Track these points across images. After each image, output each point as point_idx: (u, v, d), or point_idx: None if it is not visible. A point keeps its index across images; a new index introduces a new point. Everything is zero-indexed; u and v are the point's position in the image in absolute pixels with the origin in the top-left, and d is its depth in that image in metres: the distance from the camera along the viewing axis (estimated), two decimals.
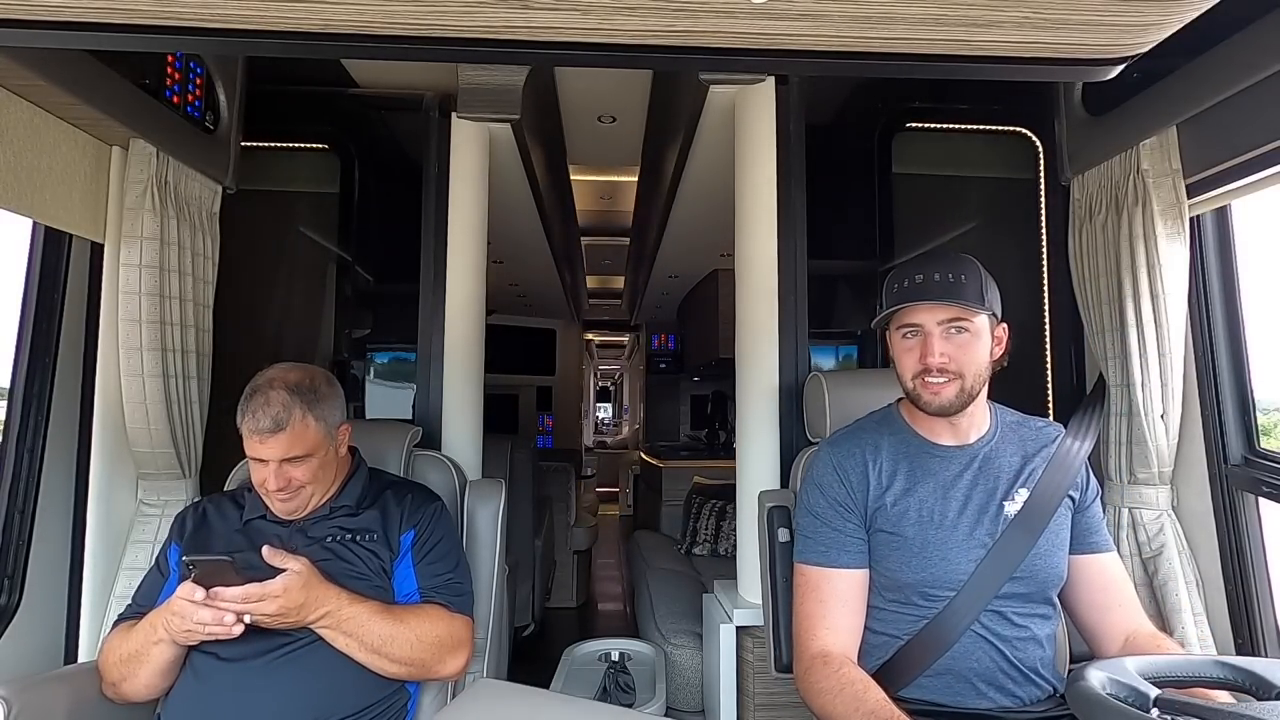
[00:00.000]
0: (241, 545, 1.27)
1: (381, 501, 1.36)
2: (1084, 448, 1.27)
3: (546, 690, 1.12)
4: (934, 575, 1.15)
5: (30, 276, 1.49)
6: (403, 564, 1.33)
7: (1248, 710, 0.74)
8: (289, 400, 1.22)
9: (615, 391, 13.62)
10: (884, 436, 1.26)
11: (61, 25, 0.83)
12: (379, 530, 1.32)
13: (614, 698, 2.00)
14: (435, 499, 1.43)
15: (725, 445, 5.42)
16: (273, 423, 1.20)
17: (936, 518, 1.17)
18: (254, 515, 1.32)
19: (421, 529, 1.35)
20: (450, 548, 1.38)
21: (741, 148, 1.87)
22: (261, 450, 1.21)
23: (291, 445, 1.21)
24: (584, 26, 0.84)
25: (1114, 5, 0.79)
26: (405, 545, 1.33)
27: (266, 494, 1.26)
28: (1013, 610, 1.15)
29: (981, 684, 1.14)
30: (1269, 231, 1.58)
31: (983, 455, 1.22)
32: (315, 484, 1.28)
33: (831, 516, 1.22)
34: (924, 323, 1.15)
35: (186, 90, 1.55)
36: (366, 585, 1.26)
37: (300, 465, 1.24)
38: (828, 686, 1.08)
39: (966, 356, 1.14)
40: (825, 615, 1.17)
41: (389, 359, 2.23)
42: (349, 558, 1.28)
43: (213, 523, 1.34)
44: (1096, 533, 1.23)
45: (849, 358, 2.18)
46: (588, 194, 4.12)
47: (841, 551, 1.19)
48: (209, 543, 1.30)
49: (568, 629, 3.75)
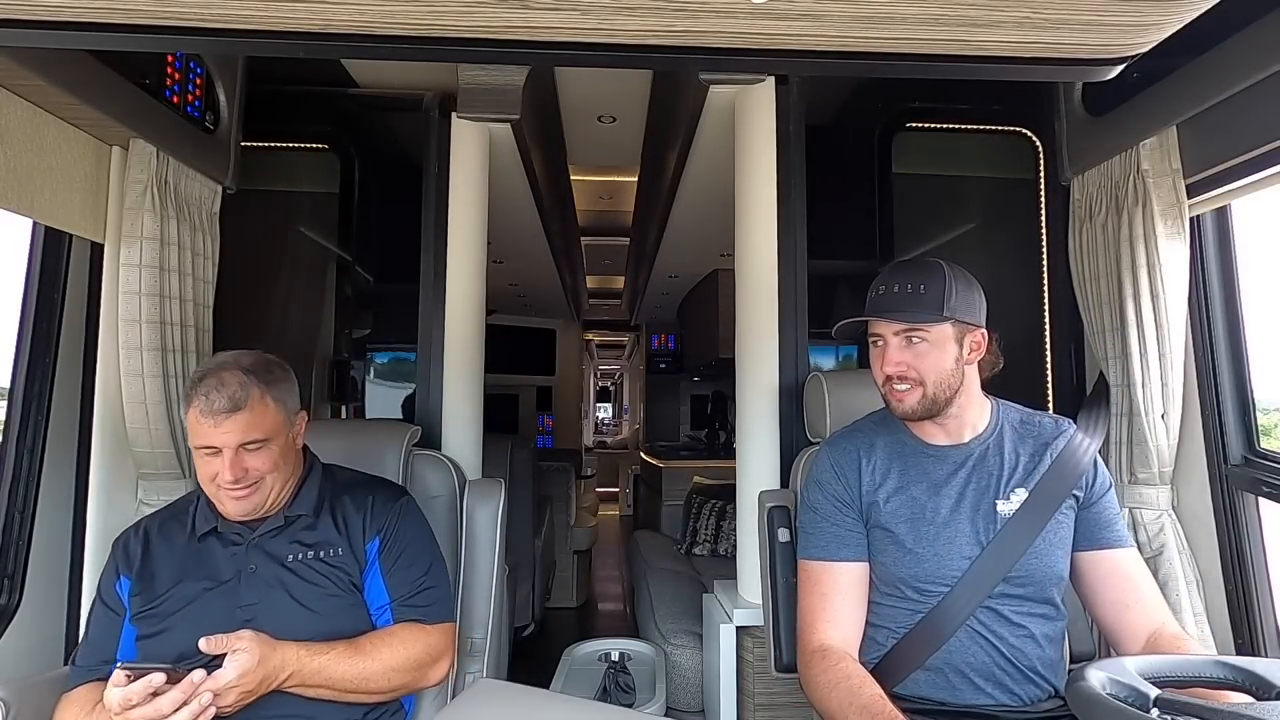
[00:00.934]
0: (194, 572, 1.17)
1: (340, 507, 1.26)
2: (1093, 445, 1.26)
3: (546, 690, 1.12)
4: (925, 570, 1.17)
5: (30, 276, 1.49)
6: (371, 575, 1.25)
7: (1248, 710, 0.74)
8: (245, 380, 1.13)
9: (615, 391, 13.62)
10: (879, 435, 1.29)
11: (61, 25, 0.83)
12: (342, 544, 1.23)
13: (614, 698, 2.00)
14: (399, 494, 1.34)
15: (725, 445, 5.42)
16: (229, 402, 1.11)
17: (928, 515, 1.19)
18: (206, 529, 1.20)
19: (387, 534, 1.26)
20: (420, 549, 1.30)
21: (741, 148, 1.87)
22: (215, 435, 1.11)
23: (249, 428, 1.12)
24: (584, 26, 0.84)
25: (1114, 5, 0.79)
26: (371, 555, 1.25)
27: (218, 492, 1.15)
28: (1009, 609, 1.16)
29: (979, 679, 1.15)
30: (1269, 231, 1.58)
31: (977, 454, 1.23)
32: (275, 475, 1.18)
33: (831, 512, 1.25)
34: (884, 333, 1.21)
35: (186, 90, 1.54)
36: (339, 604, 1.19)
37: (259, 453, 1.15)
38: (825, 680, 1.11)
39: (925, 364, 1.18)
40: (826, 609, 1.20)
41: (389, 359, 2.23)
42: (315, 578, 1.19)
43: (158, 550, 1.21)
44: (1108, 528, 1.21)
45: (849, 358, 2.18)
46: (588, 194, 4.12)
47: (841, 545, 1.23)
48: (157, 575, 1.18)
49: (568, 629, 3.75)
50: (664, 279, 4.50)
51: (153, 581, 1.18)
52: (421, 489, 1.55)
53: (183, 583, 1.17)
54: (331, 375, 2.14)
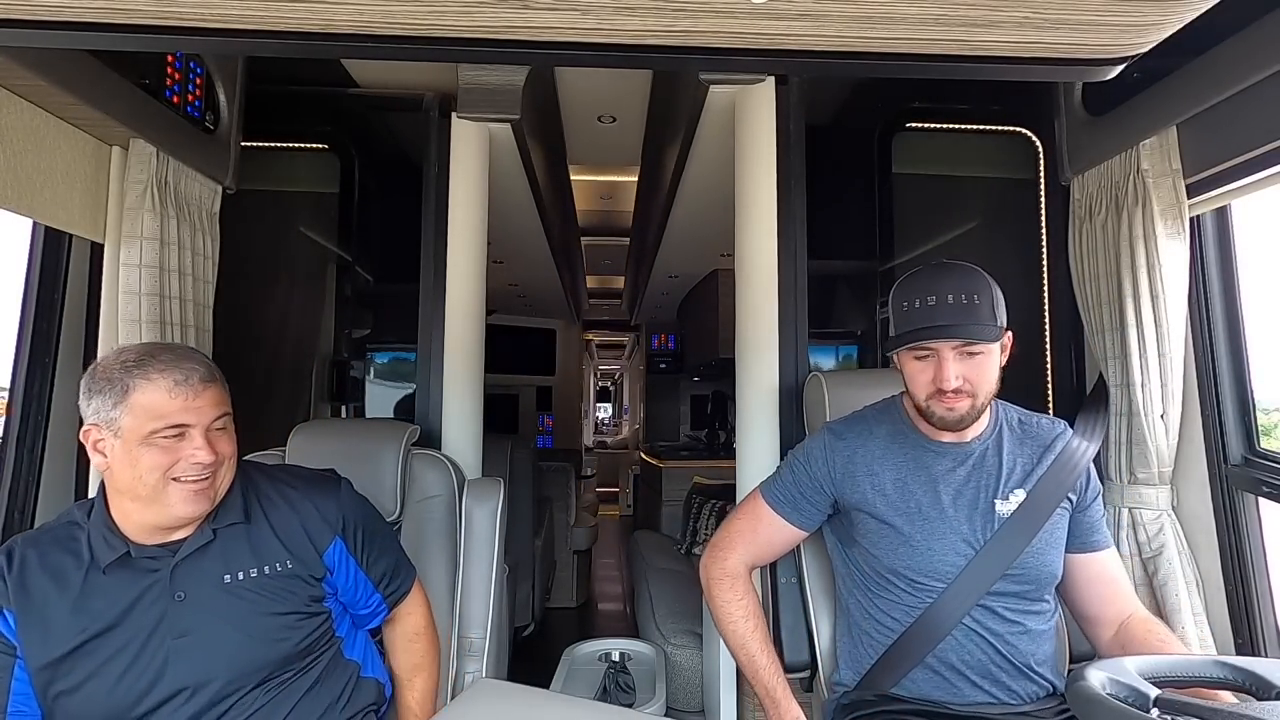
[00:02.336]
0: (104, 613, 0.97)
1: (273, 511, 1.11)
2: (1090, 449, 1.27)
3: (546, 690, 1.12)
4: (920, 564, 1.17)
5: (30, 276, 1.49)
6: (342, 576, 1.15)
7: (1248, 710, 0.74)
8: (194, 353, 1.03)
9: (615, 391, 13.62)
10: (881, 426, 1.29)
11: (61, 25, 0.83)
12: (288, 555, 1.08)
13: (614, 698, 2.00)
14: (333, 484, 1.20)
15: (725, 445, 5.42)
16: (206, 370, 1.00)
17: (925, 509, 1.19)
18: (112, 558, 0.99)
19: (346, 531, 1.16)
20: (376, 525, 1.23)
21: (741, 148, 1.87)
22: (188, 412, 0.97)
23: (221, 401, 1.02)
24: (584, 26, 0.84)
25: (1114, 5, 0.79)
26: (335, 559, 1.14)
27: (167, 489, 0.98)
28: (1004, 606, 1.16)
29: (975, 676, 1.16)
30: (1269, 231, 1.58)
31: (978, 454, 1.23)
32: (228, 464, 1.05)
33: (805, 483, 1.31)
34: (938, 347, 1.14)
35: (186, 90, 1.55)
36: (286, 622, 1.06)
37: (223, 435, 1.03)
38: (739, 610, 1.29)
39: (980, 376, 1.14)
40: (754, 543, 1.34)
41: (389, 359, 2.23)
42: (260, 599, 1.04)
43: (44, 592, 0.97)
44: (1096, 531, 1.25)
45: (849, 358, 2.18)
46: (588, 194, 4.12)
47: (795, 511, 1.31)
48: (52, 622, 0.96)
49: (568, 629, 3.74)
50: (664, 279, 4.49)
51: (48, 630, 0.96)
52: (421, 488, 1.55)
53: (92, 629, 0.97)
54: (331, 375, 2.14)
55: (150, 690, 0.98)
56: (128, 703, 0.97)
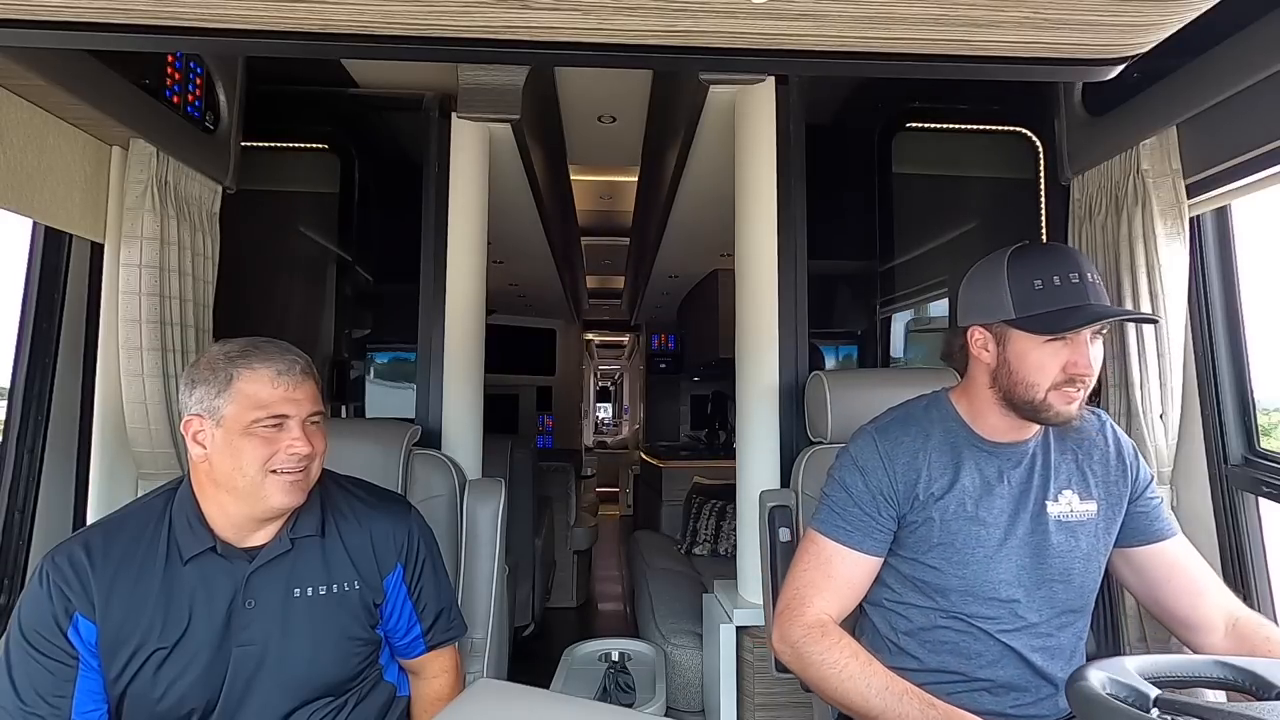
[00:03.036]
0: (179, 609, 0.98)
1: (345, 528, 1.10)
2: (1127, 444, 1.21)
3: (546, 690, 1.11)
4: (972, 575, 1.10)
5: (30, 276, 1.49)
6: (393, 606, 1.13)
7: (1248, 710, 0.74)
8: (295, 349, 1.04)
9: (615, 391, 13.62)
10: (934, 425, 1.17)
11: (61, 25, 0.83)
12: (354, 576, 1.08)
13: (614, 698, 2.00)
14: (405, 507, 1.20)
15: (725, 445, 5.42)
16: (306, 364, 1.02)
17: (982, 513, 1.11)
18: (197, 550, 0.99)
19: (408, 559, 1.14)
20: (436, 562, 1.20)
21: (741, 148, 1.87)
22: (289, 403, 0.98)
23: (317, 397, 1.02)
24: (584, 26, 0.84)
25: (1114, 5, 0.78)
26: (391, 586, 1.12)
27: (265, 481, 0.98)
28: (1047, 621, 1.11)
29: (1002, 692, 1.11)
30: (1269, 231, 1.58)
31: (1032, 453, 1.14)
32: (319, 462, 1.06)
33: (867, 501, 1.14)
34: (1083, 330, 1.03)
35: (186, 90, 1.55)
36: (347, 650, 1.06)
37: (318, 431, 1.04)
38: (831, 660, 1.04)
39: (1098, 361, 1.05)
40: (829, 588, 1.12)
41: (389, 359, 2.23)
42: (323, 618, 1.04)
43: (122, 581, 0.97)
44: (1159, 519, 1.16)
45: (849, 357, 2.18)
46: (588, 194, 4.12)
47: (866, 537, 1.13)
48: (125, 616, 0.96)
49: (568, 629, 3.74)
50: (664, 279, 4.50)
51: (120, 624, 0.96)
52: (421, 489, 1.55)
53: (165, 624, 0.97)
54: (332, 375, 2.14)
55: (210, 693, 0.99)
56: (190, 702, 0.98)
